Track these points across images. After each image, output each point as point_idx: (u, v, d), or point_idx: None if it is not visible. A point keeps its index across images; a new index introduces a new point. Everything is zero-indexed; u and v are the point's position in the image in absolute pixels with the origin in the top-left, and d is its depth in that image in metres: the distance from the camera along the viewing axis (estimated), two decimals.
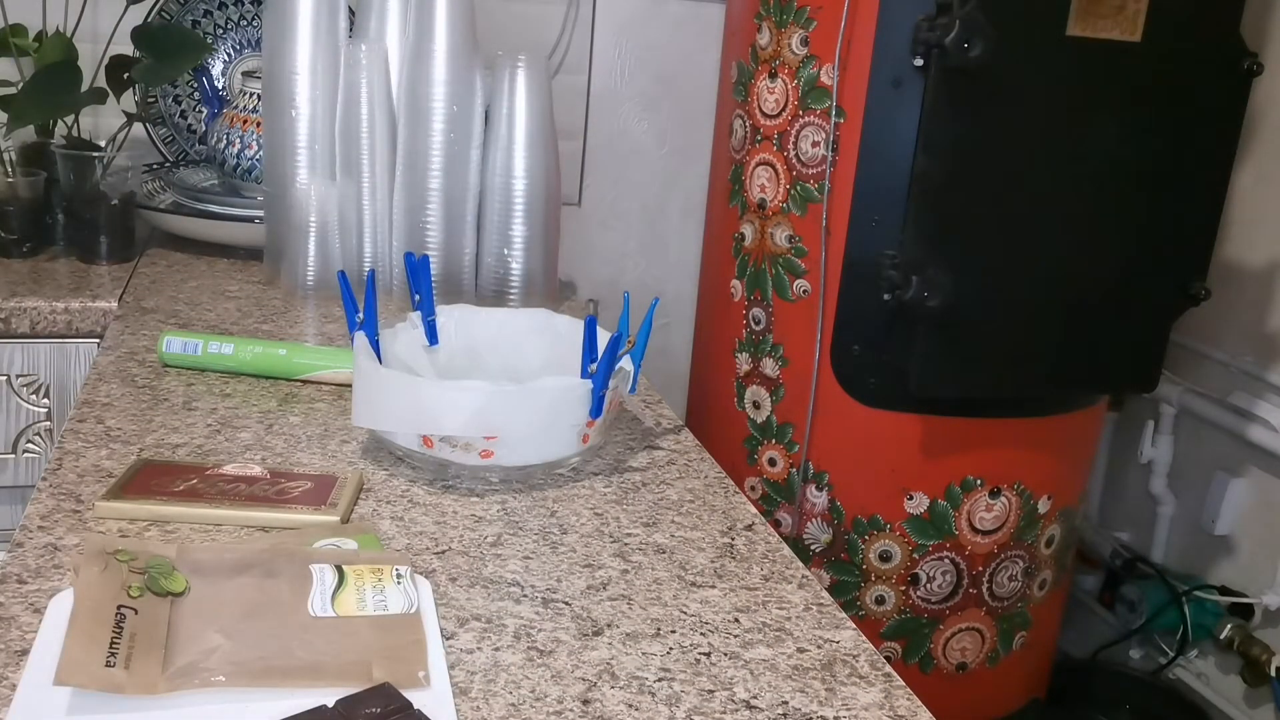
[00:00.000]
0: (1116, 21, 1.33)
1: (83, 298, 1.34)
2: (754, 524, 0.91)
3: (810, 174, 1.48)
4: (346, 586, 0.69)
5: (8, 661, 0.63)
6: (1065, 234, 1.40)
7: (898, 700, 0.69)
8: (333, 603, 0.67)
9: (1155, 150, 1.40)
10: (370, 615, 0.67)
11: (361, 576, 0.70)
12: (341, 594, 0.68)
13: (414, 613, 0.68)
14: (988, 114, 1.34)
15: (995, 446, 1.53)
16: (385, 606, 0.68)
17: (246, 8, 1.70)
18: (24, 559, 0.74)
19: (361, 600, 0.68)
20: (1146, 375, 1.52)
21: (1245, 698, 1.86)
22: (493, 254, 1.39)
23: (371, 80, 1.33)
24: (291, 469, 0.90)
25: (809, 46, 1.46)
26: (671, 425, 1.10)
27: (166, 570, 0.68)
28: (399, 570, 0.71)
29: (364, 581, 0.70)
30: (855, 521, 1.54)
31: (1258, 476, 1.84)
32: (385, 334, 0.98)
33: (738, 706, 0.67)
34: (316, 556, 0.72)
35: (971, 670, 1.62)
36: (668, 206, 1.96)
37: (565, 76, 1.85)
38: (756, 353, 1.60)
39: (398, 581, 0.70)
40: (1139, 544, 2.03)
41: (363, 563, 0.72)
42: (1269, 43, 1.78)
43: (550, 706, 0.64)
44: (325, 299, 1.37)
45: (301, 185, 1.37)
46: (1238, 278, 1.83)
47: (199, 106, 1.68)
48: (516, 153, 1.36)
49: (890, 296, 1.37)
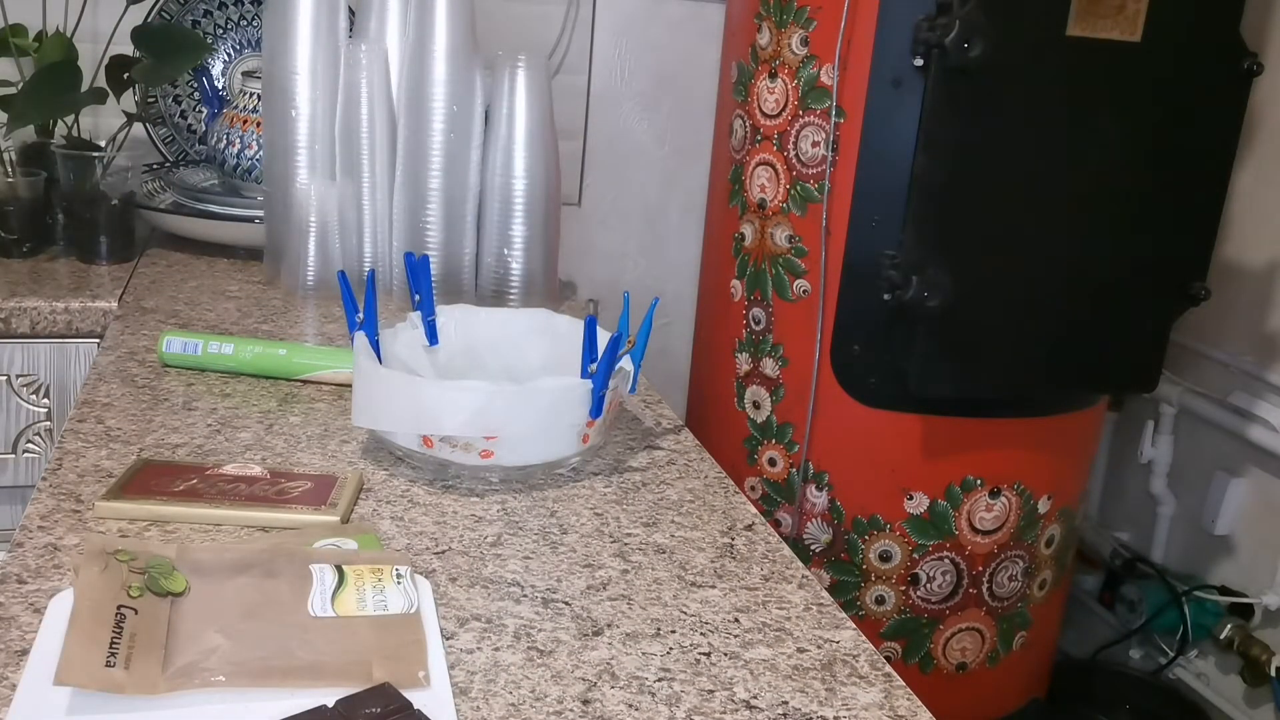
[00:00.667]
0: (1116, 21, 1.33)
1: (83, 298, 1.34)
2: (754, 524, 0.91)
3: (810, 174, 1.48)
4: (346, 586, 0.69)
5: (8, 661, 0.63)
6: (1065, 234, 1.40)
7: (898, 700, 0.69)
8: (333, 602, 0.68)
9: (1155, 150, 1.40)
10: (370, 615, 0.67)
11: (361, 576, 0.70)
12: (341, 594, 0.68)
13: (414, 613, 0.68)
14: (988, 114, 1.34)
15: (995, 446, 1.53)
16: (385, 606, 0.68)
17: (246, 8, 1.70)
18: (24, 559, 0.74)
19: (361, 600, 0.68)
20: (1146, 375, 1.52)
21: (1245, 698, 1.86)
22: (493, 254, 1.39)
23: (371, 80, 1.33)
24: (291, 469, 0.90)
25: (809, 46, 1.46)
26: (671, 425, 1.10)
27: (166, 570, 0.68)
28: (399, 570, 0.71)
29: (364, 581, 0.70)
30: (855, 521, 1.54)
31: (1258, 476, 1.84)
32: (385, 334, 0.98)
33: (738, 706, 0.67)
34: (316, 556, 0.72)
35: (971, 670, 1.63)
36: (668, 206, 1.96)
37: (565, 76, 1.85)
38: (756, 353, 1.60)
39: (398, 581, 0.70)
40: (1139, 544, 2.03)
41: (363, 563, 0.72)
42: (1269, 43, 1.78)
43: (550, 706, 0.64)
44: (325, 299, 1.37)
45: (301, 185, 1.37)
46: (1238, 278, 1.83)
47: (199, 106, 1.68)
48: (516, 153, 1.36)
49: (890, 296, 1.37)
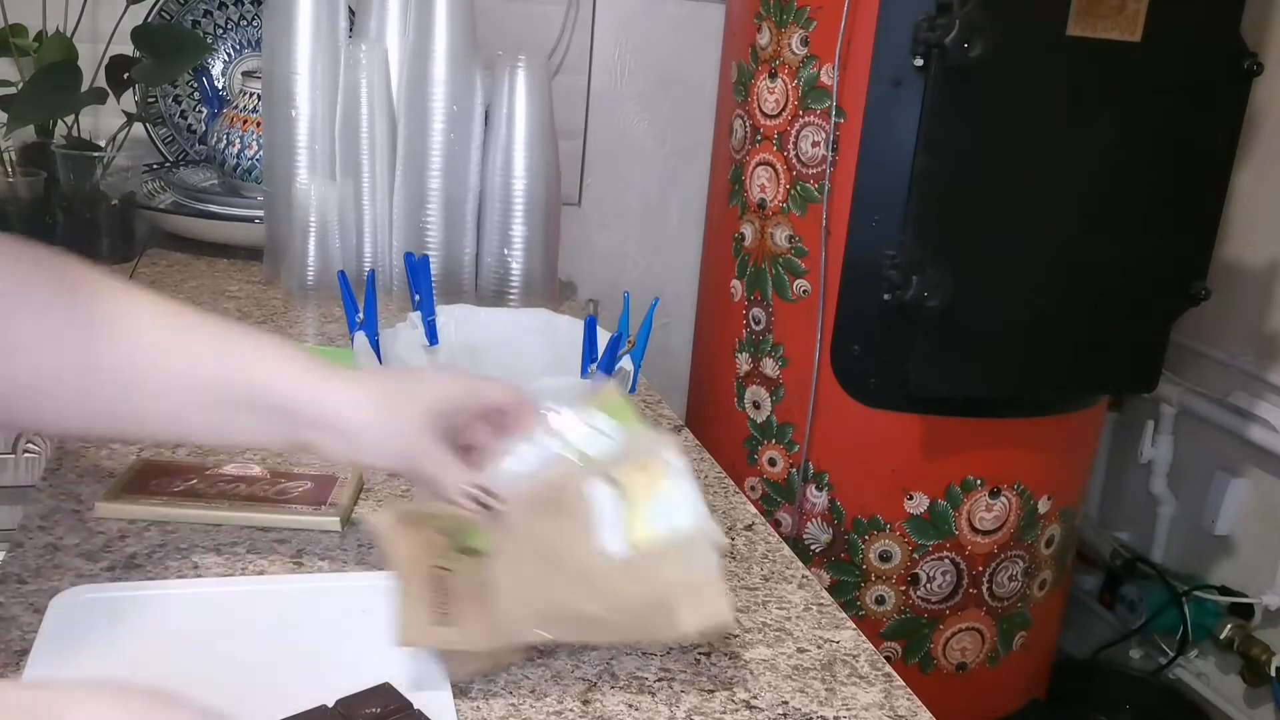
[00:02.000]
0: (1116, 21, 1.33)
1: None
2: (754, 524, 0.91)
3: (810, 174, 1.48)
4: (630, 508, 0.65)
5: (7, 661, 0.63)
6: (1065, 234, 1.40)
7: (898, 700, 0.69)
8: (624, 533, 0.64)
9: (1155, 150, 1.40)
10: (664, 540, 0.64)
11: (636, 489, 0.66)
12: (629, 518, 0.65)
13: (704, 526, 0.65)
14: (988, 114, 1.34)
15: (995, 446, 1.53)
16: (672, 523, 0.64)
17: (246, 8, 1.70)
18: (24, 559, 0.74)
19: (649, 518, 0.65)
20: (1146, 375, 1.52)
21: (1245, 698, 1.86)
22: (493, 254, 1.39)
23: (371, 80, 1.33)
24: (291, 469, 0.90)
25: (809, 46, 1.46)
26: (671, 425, 1.09)
27: (468, 528, 0.67)
28: (669, 460, 0.66)
29: (644, 495, 0.65)
30: (855, 521, 1.54)
31: (1258, 476, 1.84)
32: (385, 334, 0.98)
33: (738, 706, 0.67)
34: (587, 475, 0.67)
35: (971, 670, 1.62)
36: (668, 206, 1.96)
37: (565, 76, 1.84)
38: (756, 353, 1.60)
39: (675, 481, 0.65)
40: (1139, 544, 2.03)
41: (633, 465, 0.67)
42: (1269, 43, 1.78)
43: (550, 706, 0.64)
44: (325, 299, 1.37)
45: (301, 185, 1.37)
46: (1238, 278, 1.83)
47: (199, 106, 1.68)
48: (516, 153, 1.36)
49: (890, 296, 1.37)
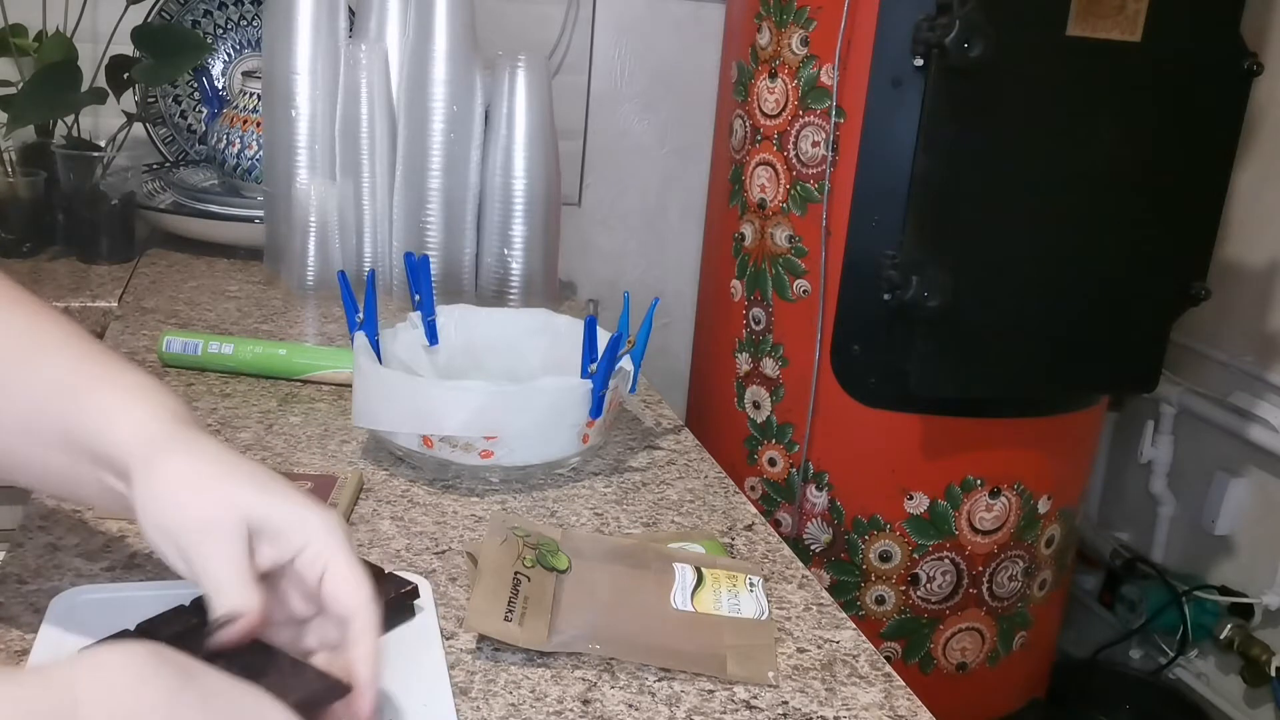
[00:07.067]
0: (1116, 21, 1.33)
1: (83, 298, 1.34)
2: (754, 524, 0.91)
3: (810, 174, 1.48)
4: (705, 587, 0.76)
5: (7, 661, 0.63)
6: (1065, 234, 1.40)
7: (898, 700, 0.69)
8: (692, 599, 0.74)
9: (1155, 150, 1.40)
10: (725, 615, 0.73)
11: (719, 580, 0.77)
12: (700, 593, 0.75)
13: (765, 620, 0.74)
14: (988, 114, 1.34)
15: (995, 446, 1.53)
16: (739, 610, 0.74)
17: (246, 8, 1.70)
18: (24, 559, 0.74)
19: (718, 601, 0.75)
20: (1146, 375, 1.52)
21: (1245, 698, 1.86)
22: (493, 254, 1.39)
23: (371, 80, 1.33)
24: (291, 469, 0.90)
25: (809, 46, 1.46)
26: (671, 425, 1.10)
27: (554, 549, 0.76)
28: (751, 580, 0.77)
29: (720, 585, 0.76)
30: (855, 521, 1.54)
31: (1258, 476, 1.84)
32: (385, 334, 0.98)
33: (738, 706, 0.67)
34: (680, 557, 0.79)
35: (971, 670, 1.62)
36: (668, 206, 1.96)
37: (565, 76, 1.84)
38: (756, 353, 1.60)
39: (751, 590, 0.76)
40: (1139, 544, 2.03)
41: (720, 568, 0.78)
42: (1269, 43, 1.78)
43: (550, 706, 0.64)
44: (325, 299, 1.37)
45: (301, 185, 1.37)
46: (1238, 278, 1.83)
47: (199, 106, 1.68)
48: (516, 153, 1.36)
49: (890, 296, 1.37)
